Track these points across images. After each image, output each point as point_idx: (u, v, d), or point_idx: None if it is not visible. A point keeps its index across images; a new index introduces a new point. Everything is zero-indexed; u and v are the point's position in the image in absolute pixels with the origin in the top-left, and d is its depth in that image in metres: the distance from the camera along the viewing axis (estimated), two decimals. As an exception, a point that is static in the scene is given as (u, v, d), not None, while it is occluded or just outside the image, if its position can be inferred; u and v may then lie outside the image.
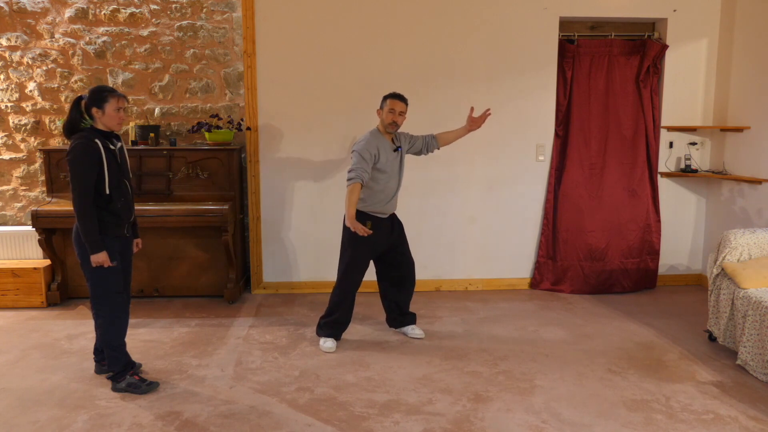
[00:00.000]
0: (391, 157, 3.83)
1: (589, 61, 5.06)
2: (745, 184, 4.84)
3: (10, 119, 5.10)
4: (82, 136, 3.16)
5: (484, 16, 4.97)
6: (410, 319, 4.16)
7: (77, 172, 3.11)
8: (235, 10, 5.06)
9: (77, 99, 3.20)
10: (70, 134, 3.20)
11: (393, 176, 3.85)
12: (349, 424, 2.94)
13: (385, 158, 3.77)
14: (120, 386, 3.29)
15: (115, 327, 3.31)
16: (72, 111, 3.19)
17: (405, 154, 3.97)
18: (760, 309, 3.42)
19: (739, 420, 2.97)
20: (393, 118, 3.78)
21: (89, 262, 3.20)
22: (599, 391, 3.28)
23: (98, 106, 3.17)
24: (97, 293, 3.26)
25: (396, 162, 3.87)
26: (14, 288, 4.72)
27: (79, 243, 3.23)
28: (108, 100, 3.18)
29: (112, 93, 3.20)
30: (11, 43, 5.01)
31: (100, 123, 3.21)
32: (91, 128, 3.20)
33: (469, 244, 5.22)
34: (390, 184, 3.83)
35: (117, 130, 3.29)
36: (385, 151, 3.78)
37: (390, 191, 3.85)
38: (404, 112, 3.83)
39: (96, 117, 3.19)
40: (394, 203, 3.92)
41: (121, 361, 3.32)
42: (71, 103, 3.20)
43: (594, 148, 5.13)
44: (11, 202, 5.20)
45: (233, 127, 4.97)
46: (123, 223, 3.30)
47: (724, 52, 5.07)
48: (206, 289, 4.97)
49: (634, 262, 5.19)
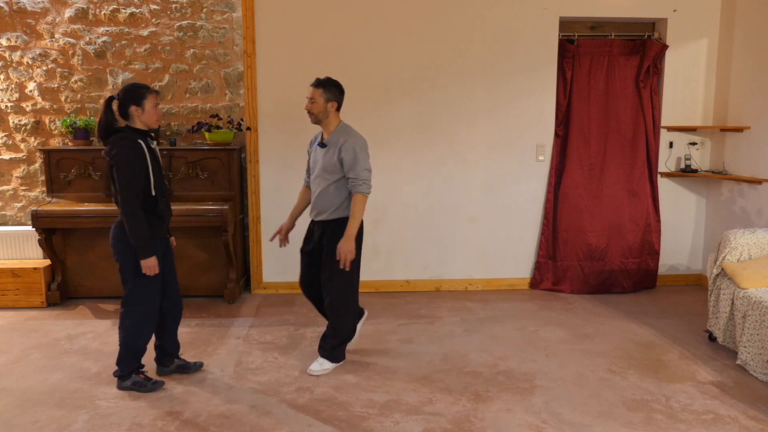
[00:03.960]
0: (317, 151, 3.50)
1: (589, 61, 5.06)
2: (745, 184, 4.84)
3: (10, 119, 5.10)
4: (124, 137, 3.08)
5: (484, 16, 4.97)
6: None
7: (127, 174, 3.03)
8: (235, 10, 5.06)
9: (109, 99, 3.11)
10: (106, 136, 3.10)
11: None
12: (349, 424, 2.94)
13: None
14: (125, 385, 3.28)
15: (142, 334, 3.26)
16: (106, 112, 3.09)
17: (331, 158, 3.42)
18: (760, 309, 3.42)
19: (739, 420, 2.97)
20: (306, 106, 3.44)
21: (131, 267, 3.15)
22: (599, 391, 3.28)
23: (137, 104, 3.10)
24: (134, 300, 3.21)
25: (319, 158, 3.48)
26: (14, 288, 4.72)
27: (120, 246, 3.15)
28: (147, 96, 3.12)
29: (149, 89, 3.15)
30: (11, 43, 5.01)
31: (139, 121, 3.13)
32: (128, 128, 3.13)
33: (469, 244, 5.22)
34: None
35: (155, 127, 3.23)
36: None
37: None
38: (313, 98, 3.38)
39: (134, 115, 3.11)
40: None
41: (133, 365, 3.30)
42: (103, 105, 3.11)
43: (594, 148, 5.13)
44: (11, 202, 5.20)
45: (233, 127, 4.97)
46: (165, 222, 3.27)
47: (724, 52, 5.07)
48: (206, 289, 4.97)
49: (634, 262, 5.19)
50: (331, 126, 3.43)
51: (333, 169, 3.38)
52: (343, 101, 3.51)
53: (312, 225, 3.57)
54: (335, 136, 3.40)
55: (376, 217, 5.13)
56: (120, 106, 3.11)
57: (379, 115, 5.03)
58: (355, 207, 3.35)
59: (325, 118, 3.41)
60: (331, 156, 3.38)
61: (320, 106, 3.37)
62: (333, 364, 3.56)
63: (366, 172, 3.37)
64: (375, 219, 5.13)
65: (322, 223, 3.47)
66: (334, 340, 3.54)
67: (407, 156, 5.08)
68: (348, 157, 3.33)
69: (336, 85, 3.42)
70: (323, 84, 3.38)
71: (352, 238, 3.33)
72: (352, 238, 3.33)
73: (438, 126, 5.07)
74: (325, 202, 3.42)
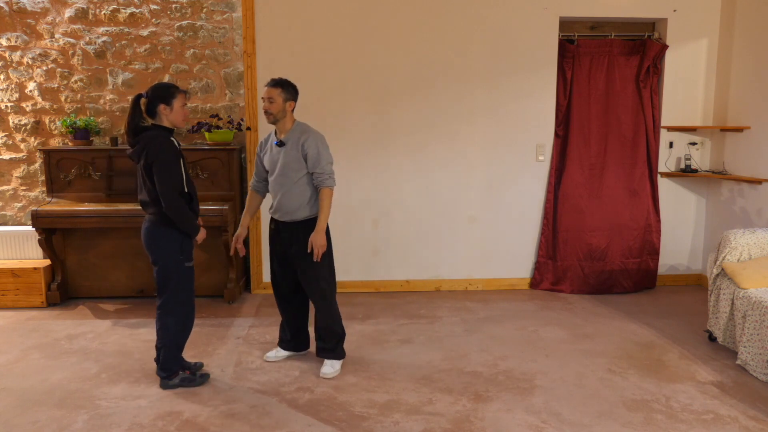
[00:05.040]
0: (274, 150, 3.47)
1: (589, 61, 5.06)
2: (745, 184, 4.84)
3: (10, 119, 5.10)
4: (158, 135, 3.09)
5: (484, 16, 4.97)
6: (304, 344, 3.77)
7: (167, 168, 3.06)
8: (235, 10, 5.06)
9: (137, 97, 3.11)
10: (135, 134, 3.12)
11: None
12: (349, 424, 2.94)
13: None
14: (173, 383, 3.29)
15: (186, 330, 3.32)
16: (134, 110, 3.09)
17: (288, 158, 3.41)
18: (760, 309, 3.42)
19: (739, 420, 2.97)
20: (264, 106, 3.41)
21: (172, 266, 3.19)
22: (599, 391, 3.28)
23: (166, 103, 3.12)
24: (176, 298, 3.23)
25: (277, 158, 3.45)
26: (14, 288, 4.72)
27: (158, 248, 3.18)
28: (176, 95, 3.14)
29: (178, 89, 3.17)
30: (11, 43, 5.01)
31: (167, 120, 3.15)
32: (155, 126, 3.13)
33: (469, 244, 5.22)
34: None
35: (182, 126, 3.27)
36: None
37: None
38: (272, 98, 3.35)
39: (162, 114, 3.12)
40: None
41: (180, 361, 3.34)
42: (131, 103, 3.11)
43: (594, 148, 5.13)
44: (11, 202, 5.20)
45: (233, 127, 4.97)
46: (196, 218, 3.29)
47: (724, 52, 5.07)
48: (206, 289, 4.97)
49: (635, 262, 5.19)
50: (287, 125, 3.43)
51: (297, 166, 3.37)
52: (344, 101, 3.50)
53: (276, 225, 3.53)
54: (293, 134, 3.40)
55: (376, 217, 5.13)
56: (148, 105, 3.12)
57: (379, 115, 5.03)
58: (323, 201, 3.38)
59: (283, 117, 3.40)
60: (294, 153, 3.37)
61: (279, 105, 3.36)
62: (340, 362, 3.58)
63: (329, 165, 3.40)
64: (375, 219, 5.13)
65: (289, 225, 3.44)
66: (333, 339, 3.55)
67: (407, 156, 5.08)
68: (312, 152, 3.35)
69: (293, 86, 3.43)
70: (281, 84, 3.37)
71: (323, 232, 3.36)
72: (323, 231, 3.37)
73: (438, 126, 5.07)
74: (291, 202, 3.40)
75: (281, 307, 3.70)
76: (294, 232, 3.43)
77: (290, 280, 3.60)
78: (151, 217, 3.19)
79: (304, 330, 3.75)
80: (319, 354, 3.59)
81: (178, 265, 3.21)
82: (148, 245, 3.21)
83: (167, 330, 3.25)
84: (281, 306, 3.70)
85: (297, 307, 3.68)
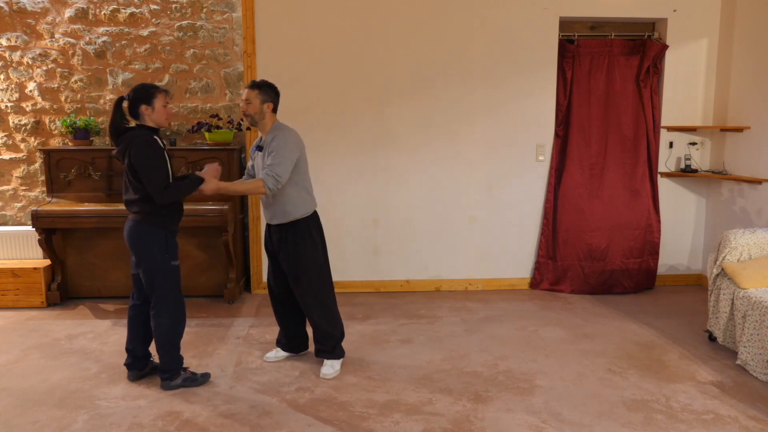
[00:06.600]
0: (256, 155, 3.48)
1: (589, 61, 5.06)
2: (745, 184, 4.84)
3: (10, 119, 5.10)
4: (140, 134, 3.11)
5: (484, 16, 4.97)
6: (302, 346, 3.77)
7: (150, 164, 3.07)
8: (235, 10, 5.06)
9: (119, 99, 3.15)
10: (117, 136, 3.15)
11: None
12: (349, 424, 2.94)
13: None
14: (175, 383, 3.29)
15: (179, 328, 3.31)
16: (116, 112, 3.14)
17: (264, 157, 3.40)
18: (760, 309, 3.42)
19: (739, 420, 2.97)
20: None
21: (158, 266, 3.17)
22: (599, 391, 3.28)
23: (147, 103, 3.14)
24: (166, 297, 3.23)
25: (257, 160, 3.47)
26: (14, 288, 4.72)
27: (142, 248, 3.17)
28: (156, 95, 3.16)
29: (158, 89, 3.19)
30: (11, 43, 5.01)
31: (149, 120, 3.17)
32: (140, 126, 3.16)
33: (469, 244, 5.22)
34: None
35: (165, 126, 3.28)
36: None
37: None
38: (249, 100, 3.35)
39: (144, 114, 3.15)
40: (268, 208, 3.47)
41: (179, 360, 3.33)
42: (113, 105, 3.16)
43: (594, 148, 5.13)
44: (11, 202, 5.20)
45: (233, 127, 4.97)
46: (180, 217, 3.31)
47: (724, 52, 5.07)
48: (206, 289, 4.97)
49: (635, 262, 5.19)
50: (267, 127, 3.41)
51: None
52: (344, 101, 3.48)
53: (268, 227, 3.57)
54: (269, 136, 3.38)
55: (376, 217, 5.13)
56: (130, 106, 3.15)
57: (379, 115, 5.03)
58: (248, 185, 3.35)
59: (261, 119, 3.38)
60: (266, 156, 3.36)
61: (256, 107, 3.34)
62: (340, 362, 3.58)
63: (281, 168, 3.25)
64: (375, 219, 5.13)
65: (277, 227, 3.45)
66: (331, 338, 3.55)
67: (407, 156, 5.08)
68: (272, 147, 3.31)
69: (272, 87, 3.41)
70: (258, 86, 3.36)
71: (218, 188, 3.28)
72: (219, 188, 3.29)
73: (438, 126, 5.07)
74: (275, 205, 3.40)
75: (275, 308, 3.70)
76: (282, 234, 3.43)
77: (282, 282, 3.60)
78: (136, 216, 3.20)
79: (301, 332, 3.75)
80: (318, 355, 3.59)
81: (164, 263, 3.20)
82: (133, 244, 3.21)
83: (161, 329, 3.25)
84: (275, 308, 3.70)
85: (291, 308, 3.67)
